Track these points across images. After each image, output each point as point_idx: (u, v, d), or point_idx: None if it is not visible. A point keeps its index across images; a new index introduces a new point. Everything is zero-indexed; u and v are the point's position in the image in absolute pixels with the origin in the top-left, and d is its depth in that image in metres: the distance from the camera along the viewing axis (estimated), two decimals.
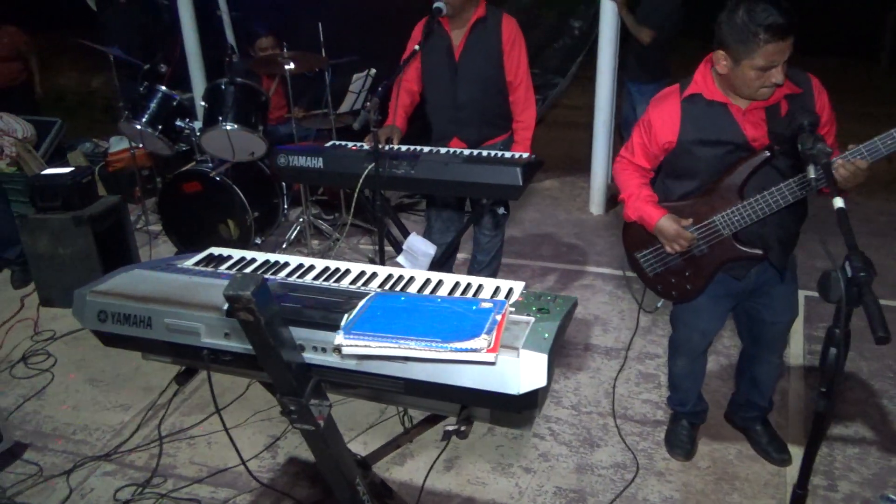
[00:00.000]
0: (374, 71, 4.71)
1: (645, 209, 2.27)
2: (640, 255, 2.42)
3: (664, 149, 2.22)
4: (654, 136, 2.22)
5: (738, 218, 2.14)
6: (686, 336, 2.54)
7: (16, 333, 3.77)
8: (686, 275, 2.33)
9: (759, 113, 2.08)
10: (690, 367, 2.59)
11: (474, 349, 1.26)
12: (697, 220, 2.21)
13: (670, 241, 2.24)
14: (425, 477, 2.44)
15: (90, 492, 2.62)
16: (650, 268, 2.42)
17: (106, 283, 1.65)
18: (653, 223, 2.25)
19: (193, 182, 4.32)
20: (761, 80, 1.97)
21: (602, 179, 5.16)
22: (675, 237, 2.21)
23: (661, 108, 2.20)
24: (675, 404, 2.73)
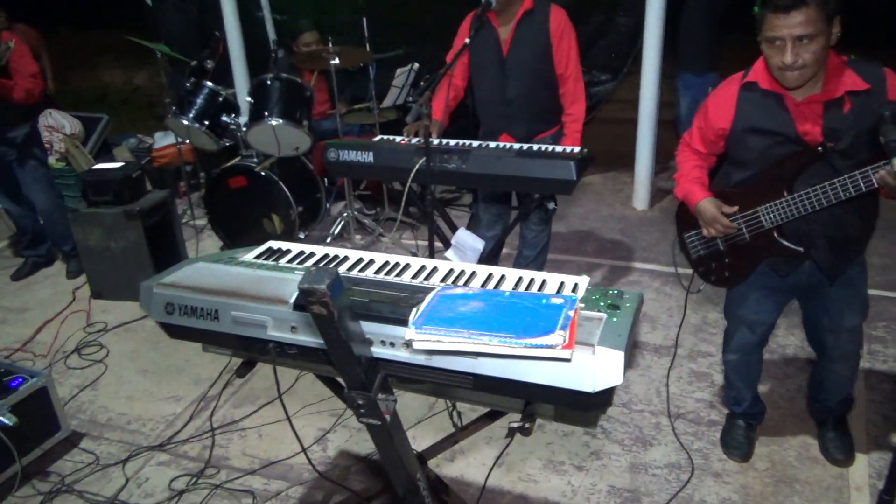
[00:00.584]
0: (417, 65, 4.70)
1: (691, 189, 2.29)
2: (687, 235, 2.44)
3: (719, 135, 2.20)
4: (709, 121, 2.21)
5: (781, 212, 2.10)
6: (734, 328, 2.50)
7: (69, 325, 3.85)
8: (726, 261, 2.33)
9: (816, 107, 2.00)
10: (743, 362, 2.52)
11: (549, 345, 1.24)
12: (743, 209, 2.19)
13: (707, 224, 2.26)
14: (487, 475, 2.42)
15: (145, 481, 2.67)
16: (694, 249, 2.44)
17: (172, 275, 1.66)
18: (694, 203, 2.27)
19: (239, 177, 4.37)
20: (775, 58, 1.92)
21: (646, 174, 5.07)
22: (712, 221, 2.23)
23: (719, 94, 2.18)
24: (730, 403, 2.67)
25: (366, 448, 2.77)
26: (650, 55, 4.68)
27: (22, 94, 3.86)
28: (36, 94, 3.96)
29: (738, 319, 2.46)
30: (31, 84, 3.91)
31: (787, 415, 2.82)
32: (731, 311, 2.50)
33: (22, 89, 3.86)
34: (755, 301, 2.37)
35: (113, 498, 2.58)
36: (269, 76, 4.20)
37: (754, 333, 2.45)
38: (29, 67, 3.92)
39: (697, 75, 4.73)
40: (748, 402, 2.60)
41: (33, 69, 3.94)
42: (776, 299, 2.37)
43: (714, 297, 3.74)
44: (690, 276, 2.55)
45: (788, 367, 3.13)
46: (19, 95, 3.84)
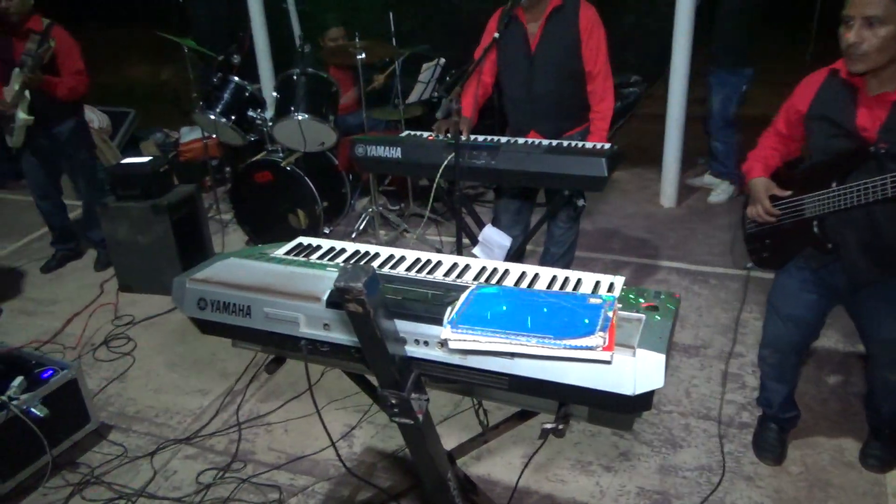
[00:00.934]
0: (443, 60, 4.67)
1: (753, 166, 2.32)
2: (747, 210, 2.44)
3: (797, 117, 2.18)
4: (793, 102, 2.20)
5: (823, 203, 2.08)
6: (772, 324, 2.45)
7: (97, 318, 3.89)
8: (767, 242, 2.34)
9: (884, 104, 1.93)
10: (777, 361, 2.46)
11: (589, 347, 1.21)
12: (794, 195, 2.19)
13: (752, 203, 2.28)
14: (519, 475, 2.40)
15: (173, 474, 2.68)
16: (749, 225, 2.45)
17: (204, 270, 1.66)
18: (748, 179, 2.31)
19: (265, 172, 4.38)
20: (843, 38, 1.89)
21: (674, 171, 5.00)
22: (757, 200, 2.25)
23: (810, 77, 2.16)
24: (763, 404, 2.61)
25: (392, 444, 2.76)
26: (680, 51, 4.61)
27: (66, 91, 3.90)
28: (80, 90, 3.99)
29: (773, 309, 2.43)
30: (76, 81, 3.94)
31: (821, 417, 2.76)
32: (770, 301, 2.46)
33: (66, 87, 3.90)
34: (791, 293, 2.34)
35: (141, 490, 2.60)
36: (295, 71, 4.20)
37: (787, 329, 2.39)
38: (75, 64, 3.96)
39: (731, 72, 4.62)
40: (779, 405, 2.54)
41: (79, 66, 3.97)
42: (813, 298, 2.30)
43: (746, 297, 3.69)
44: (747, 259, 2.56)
45: (822, 370, 3.06)
46: (63, 93, 3.89)
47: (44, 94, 3.85)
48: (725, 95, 4.70)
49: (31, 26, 3.87)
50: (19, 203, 5.92)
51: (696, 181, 5.36)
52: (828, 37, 2.20)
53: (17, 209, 5.80)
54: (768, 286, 2.47)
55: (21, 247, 5.00)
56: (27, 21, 3.88)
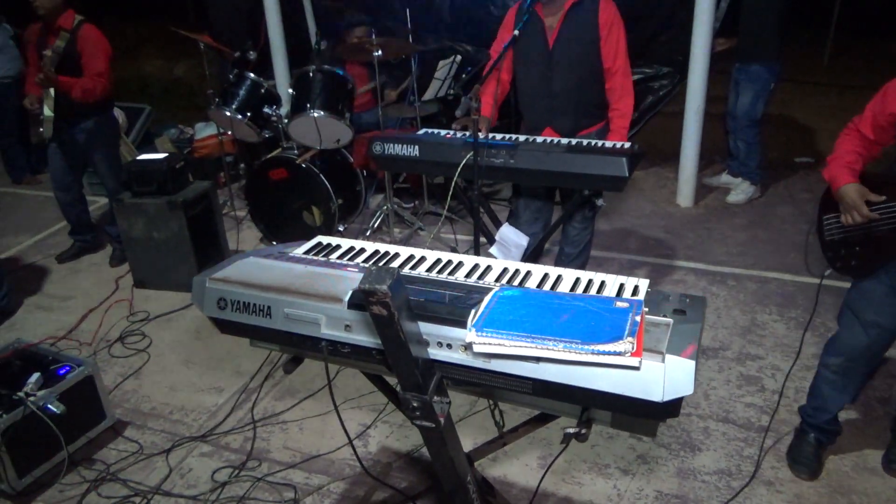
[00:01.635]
0: (459, 58, 4.65)
1: (838, 171, 2.19)
2: (826, 217, 2.35)
3: (891, 121, 2.08)
4: (885, 104, 2.09)
5: None
6: (849, 329, 2.33)
7: (112, 314, 3.90)
8: (857, 249, 2.22)
9: None
10: (845, 369, 2.36)
11: (618, 352, 1.19)
12: (890, 199, 2.08)
13: (847, 210, 2.16)
14: (541, 479, 2.39)
15: (189, 472, 2.68)
16: (829, 233, 2.34)
17: (224, 270, 1.64)
18: (837, 186, 2.17)
19: (280, 169, 4.37)
20: None
21: (692, 170, 4.95)
22: (852, 207, 2.13)
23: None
24: (808, 412, 2.51)
25: (407, 444, 2.74)
26: (699, 48, 4.56)
27: (79, 92, 3.89)
28: (96, 93, 3.95)
29: (854, 316, 2.31)
30: (93, 83, 3.92)
31: (845, 424, 2.71)
32: (851, 306, 2.34)
33: (80, 88, 3.89)
34: (879, 299, 2.23)
35: (157, 487, 2.60)
36: (311, 68, 4.18)
37: (867, 334, 2.29)
38: (97, 66, 3.94)
39: (764, 67, 4.52)
40: (828, 418, 2.46)
41: (100, 68, 3.95)
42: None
43: (764, 299, 3.64)
44: (825, 266, 2.44)
45: None
46: (77, 94, 3.89)
47: (63, 91, 3.86)
48: (755, 93, 4.60)
49: (61, 23, 3.88)
50: (37, 198, 5.96)
51: (714, 181, 5.30)
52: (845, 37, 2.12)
53: (34, 204, 5.83)
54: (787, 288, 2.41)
55: (38, 241, 5.03)
56: (58, 18, 3.89)
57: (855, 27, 9.73)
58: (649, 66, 5.13)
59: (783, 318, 3.44)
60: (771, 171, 5.33)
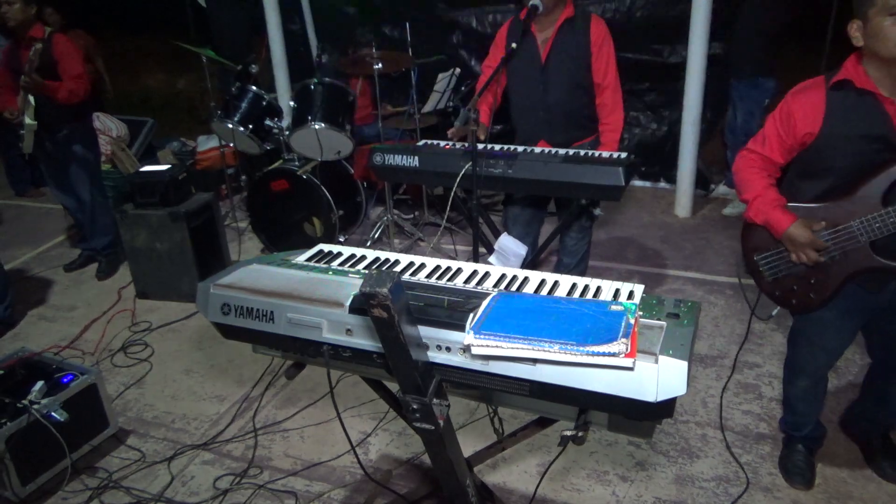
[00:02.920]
0: (458, 70, 4.70)
1: (772, 214, 2.09)
2: (759, 257, 2.24)
3: (802, 142, 2.04)
4: (793, 127, 2.03)
5: (880, 225, 1.95)
6: (808, 355, 2.34)
7: (115, 324, 3.93)
8: (811, 282, 2.14)
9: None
10: (812, 389, 2.40)
11: (612, 353, 1.22)
12: (831, 225, 2.03)
13: (799, 249, 2.07)
14: (538, 484, 2.41)
15: (191, 479, 2.70)
16: (770, 272, 2.23)
17: (228, 276, 1.68)
18: (781, 230, 2.07)
19: (281, 180, 4.41)
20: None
21: (688, 181, 5.00)
22: (807, 244, 2.04)
23: (803, 97, 2.02)
24: (790, 428, 2.54)
25: (407, 452, 2.76)
26: (695, 57, 4.62)
27: (65, 94, 3.98)
28: (80, 94, 4.06)
29: (815, 345, 2.30)
30: (75, 85, 4.02)
31: (838, 430, 2.74)
32: (805, 336, 2.32)
33: (66, 90, 3.98)
34: (835, 325, 2.21)
35: (159, 495, 2.62)
36: (312, 80, 4.24)
37: (831, 359, 2.33)
38: (75, 69, 4.03)
39: (752, 84, 4.54)
40: (810, 428, 2.50)
41: (78, 70, 4.05)
42: (856, 321, 2.23)
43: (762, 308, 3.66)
44: (756, 298, 2.41)
45: (839, 382, 3.04)
46: (62, 96, 3.97)
47: (47, 100, 3.94)
48: (747, 110, 4.62)
49: (33, 34, 3.96)
50: (39, 210, 6.01)
51: (713, 192, 5.35)
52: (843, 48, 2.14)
53: (36, 216, 5.88)
54: None
55: (40, 253, 5.07)
56: (29, 30, 3.97)
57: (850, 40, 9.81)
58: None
59: (780, 328, 3.47)
60: None
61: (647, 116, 5.50)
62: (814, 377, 2.38)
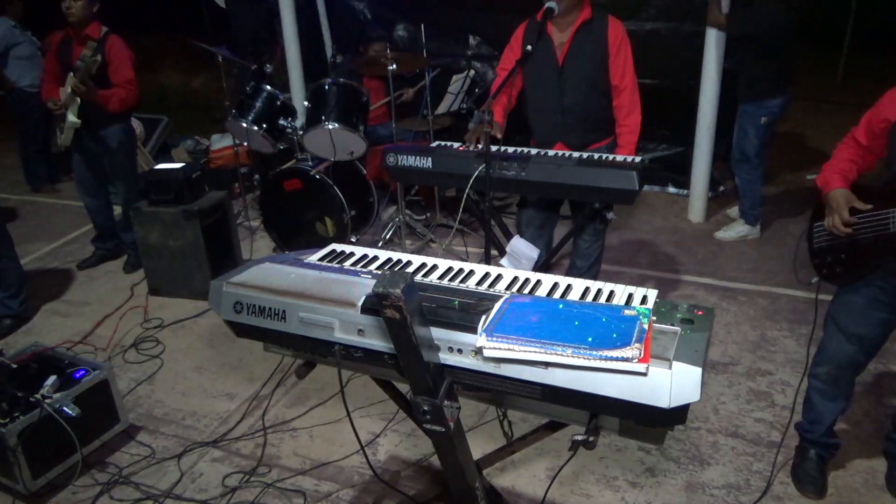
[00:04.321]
0: (472, 72, 4.70)
1: (829, 176, 2.22)
2: (816, 224, 2.35)
3: (882, 127, 2.11)
4: (878, 111, 2.13)
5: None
6: (834, 337, 2.35)
7: (127, 320, 3.96)
8: (842, 257, 2.22)
9: None
10: (833, 378, 2.38)
11: (625, 358, 1.21)
12: (877, 208, 2.08)
13: (830, 214, 2.18)
14: (547, 488, 2.39)
15: (200, 476, 2.71)
16: (817, 240, 2.35)
17: (241, 275, 1.68)
18: (826, 191, 2.20)
19: (294, 180, 4.42)
20: None
21: (702, 186, 4.97)
22: (835, 211, 2.15)
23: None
24: (805, 427, 2.52)
25: (416, 453, 2.76)
26: (710, 63, 4.60)
27: (117, 104, 4.02)
28: (130, 101, 4.10)
29: (836, 326, 2.34)
30: (126, 93, 4.05)
31: (853, 439, 2.71)
32: (833, 318, 2.36)
33: (118, 99, 4.01)
34: (859, 311, 2.25)
35: (168, 491, 2.63)
36: (326, 81, 4.25)
37: (850, 345, 2.31)
38: (126, 73, 4.06)
39: (750, 103, 4.38)
40: (824, 430, 2.46)
41: (130, 76, 4.08)
42: (882, 316, 2.23)
43: (774, 315, 3.64)
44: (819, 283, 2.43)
45: (856, 389, 3.00)
46: (115, 106, 4.02)
47: (97, 103, 3.95)
48: (742, 127, 4.46)
49: (89, 33, 3.99)
50: (55, 206, 6.06)
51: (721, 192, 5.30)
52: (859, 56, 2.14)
53: (52, 212, 5.93)
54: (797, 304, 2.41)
55: (55, 249, 5.11)
56: (86, 27, 4.00)
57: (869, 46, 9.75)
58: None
59: (793, 335, 3.44)
60: (783, 188, 5.33)
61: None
62: (834, 364, 2.37)
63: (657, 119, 4.37)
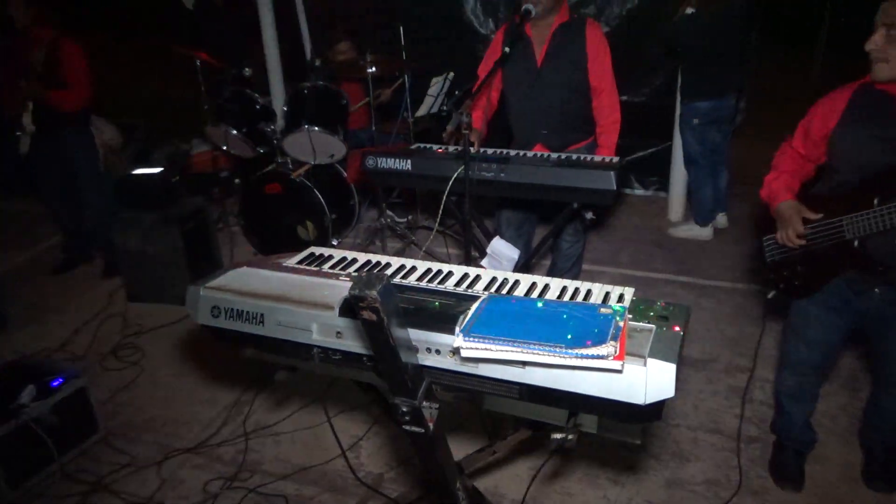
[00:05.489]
0: (452, 74, 4.70)
1: (775, 189, 2.24)
2: (766, 238, 2.36)
3: (822, 135, 2.12)
4: (815, 121, 2.14)
5: (865, 223, 1.99)
6: (793, 347, 2.40)
7: (106, 327, 3.91)
8: (798, 269, 2.23)
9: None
10: (797, 385, 2.43)
11: (601, 356, 1.22)
12: (827, 217, 2.10)
13: (782, 227, 2.19)
14: (528, 487, 2.40)
15: (180, 483, 2.69)
16: (769, 254, 2.35)
17: (218, 279, 1.67)
18: (775, 204, 2.21)
19: (274, 184, 4.41)
20: (868, 42, 1.88)
21: (681, 186, 5.01)
22: (787, 224, 2.16)
23: (831, 95, 2.11)
24: (780, 430, 2.57)
25: (399, 455, 2.76)
26: None
27: (71, 103, 3.99)
28: (85, 101, 4.07)
29: (795, 333, 2.38)
30: (78, 94, 4.02)
31: (830, 433, 2.75)
32: (791, 326, 2.40)
33: (71, 100, 3.99)
34: (819, 318, 2.27)
35: (148, 499, 2.61)
36: (306, 84, 4.24)
37: (811, 351, 2.36)
38: (81, 74, 4.03)
39: (685, 106, 4.42)
40: (799, 429, 2.51)
41: (85, 76, 4.05)
42: (839, 322, 2.26)
43: (752, 311, 3.69)
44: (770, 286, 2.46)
45: (831, 385, 3.05)
46: (69, 107, 3.98)
47: (49, 105, 3.91)
48: (680, 129, 4.53)
49: (40, 36, 3.94)
50: (32, 213, 5.97)
51: None
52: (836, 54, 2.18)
53: (29, 219, 5.84)
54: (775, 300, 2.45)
55: (32, 256, 5.04)
56: (35, 31, 3.95)
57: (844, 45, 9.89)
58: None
59: (771, 331, 3.48)
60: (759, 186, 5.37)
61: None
62: (798, 372, 2.42)
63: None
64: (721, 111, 4.35)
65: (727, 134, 4.53)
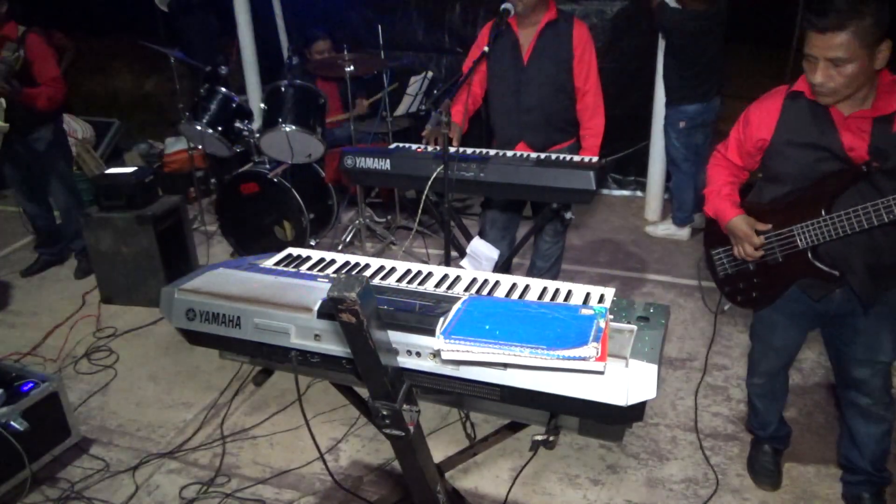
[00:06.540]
0: (431, 73, 4.70)
1: (721, 206, 2.21)
2: (715, 252, 2.36)
3: (758, 146, 2.11)
4: (749, 132, 2.12)
5: (817, 231, 2.00)
6: (761, 352, 2.42)
7: (79, 329, 3.84)
8: (754, 281, 2.23)
9: (864, 123, 1.91)
10: (768, 386, 2.46)
11: (582, 357, 1.21)
12: (777, 227, 2.09)
13: (738, 243, 2.18)
14: (509, 489, 2.40)
15: (156, 489, 2.64)
16: (722, 268, 2.35)
17: (193, 281, 1.64)
18: (725, 221, 2.20)
19: (251, 183, 4.35)
20: (809, 75, 1.88)
21: (658, 185, 5.05)
22: (744, 239, 2.14)
23: (761, 104, 2.10)
24: (755, 428, 2.59)
25: (378, 458, 2.74)
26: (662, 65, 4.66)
27: (45, 101, 3.90)
28: (58, 98, 3.99)
29: (765, 345, 2.38)
30: (53, 90, 3.93)
31: (806, 430, 2.79)
32: (757, 334, 2.41)
33: (45, 97, 3.89)
34: (783, 326, 2.28)
35: None
36: (283, 83, 4.19)
37: (779, 356, 2.39)
38: (51, 71, 3.94)
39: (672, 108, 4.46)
40: (774, 426, 2.54)
41: (54, 73, 3.96)
42: (803, 325, 2.28)
43: (730, 311, 3.71)
44: (718, 297, 2.47)
45: (806, 382, 3.09)
46: (42, 104, 3.89)
47: (21, 103, 3.83)
48: (665, 130, 4.57)
49: (6, 33, 3.85)
50: (2, 213, 5.84)
51: None
52: None
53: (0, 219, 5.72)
54: None
55: (2, 257, 4.93)
56: (2, 28, 3.86)
57: None
58: None
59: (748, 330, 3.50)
60: None
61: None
62: (767, 375, 2.44)
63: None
64: (707, 114, 4.39)
65: (708, 136, 4.56)
